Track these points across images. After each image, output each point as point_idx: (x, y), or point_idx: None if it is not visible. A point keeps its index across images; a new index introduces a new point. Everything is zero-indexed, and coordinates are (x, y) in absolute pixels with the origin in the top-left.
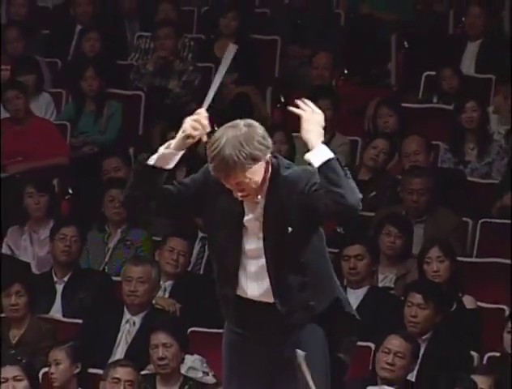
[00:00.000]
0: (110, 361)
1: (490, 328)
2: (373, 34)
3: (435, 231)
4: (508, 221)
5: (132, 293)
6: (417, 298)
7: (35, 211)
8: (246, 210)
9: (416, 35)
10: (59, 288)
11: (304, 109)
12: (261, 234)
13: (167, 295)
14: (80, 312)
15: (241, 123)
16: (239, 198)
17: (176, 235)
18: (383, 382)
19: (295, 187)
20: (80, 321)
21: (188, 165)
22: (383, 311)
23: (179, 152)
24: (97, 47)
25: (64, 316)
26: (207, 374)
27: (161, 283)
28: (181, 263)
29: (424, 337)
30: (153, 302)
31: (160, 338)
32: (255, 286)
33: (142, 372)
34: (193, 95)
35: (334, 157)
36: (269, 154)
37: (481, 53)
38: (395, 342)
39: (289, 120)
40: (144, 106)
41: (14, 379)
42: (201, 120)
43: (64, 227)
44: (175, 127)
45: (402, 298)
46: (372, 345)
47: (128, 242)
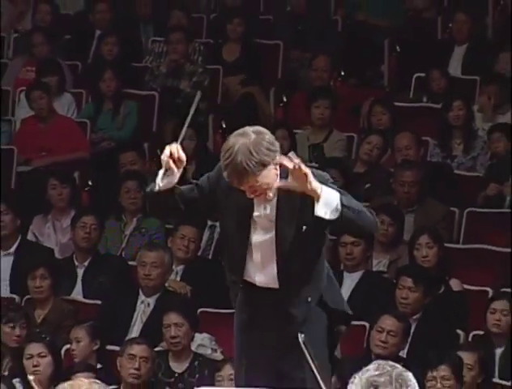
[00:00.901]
0: (126, 339)
1: (475, 309)
2: (368, 39)
3: (424, 220)
4: (491, 210)
5: (146, 277)
6: (408, 281)
7: (58, 201)
8: (256, 205)
9: (407, 40)
10: (80, 271)
11: (293, 163)
12: (269, 228)
13: (178, 278)
14: (99, 294)
15: (250, 130)
16: (251, 197)
17: (187, 223)
18: (377, 358)
19: None
20: (99, 302)
21: (198, 160)
22: (377, 293)
23: (175, 175)
24: (115, 51)
25: (84, 297)
26: (216, 351)
27: (173, 267)
28: (192, 249)
29: (414, 317)
30: (166, 285)
31: (172, 318)
32: (262, 274)
33: (155, 349)
34: (202, 94)
35: (339, 203)
36: (278, 157)
37: (467, 57)
38: (388, 321)
39: (291, 118)
40: (158, 105)
41: (38, 355)
42: (174, 154)
43: (84, 216)
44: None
45: (394, 281)
46: (366, 324)
47: (143, 230)
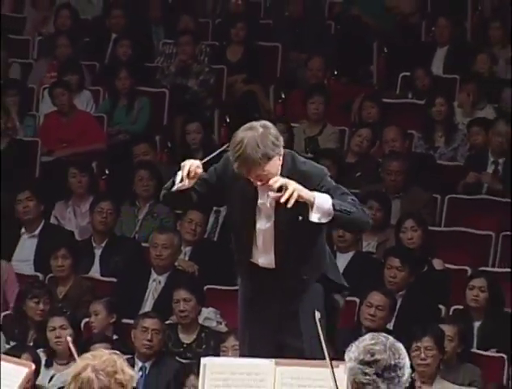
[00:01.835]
0: (140, 313)
1: (455, 286)
2: (359, 41)
3: (409, 205)
4: (470, 197)
5: (158, 257)
6: (395, 262)
7: (77, 188)
8: (260, 194)
9: (394, 42)
10: (97, 252)
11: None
12: (271, 216)
13: (187, 258)
14: (115, 272)
15: (258, 125)
16: (258, 185)
17: (194, 209)
18: (366, 330)
19: (309, 182)
20: (115, 279)
21: (204, 151)
22: (366, 272)
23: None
24: (129, 52)
25: (101, 275)
26: (220, 324)
27: (182, 248)
28: (198, 232)
29: (400, 293)
30: (175, 264)
31: (181, 294)
32: (263, 257)
33: (166, 322)
34: (208, 91)
35: (331, 208)
36: (282, 150)
37: (448, 57)
38: (376, 297)
39: (289, 113)
40: (168, 101)
41: (60, 328)
42: (191, 174)
43: (101, 201)
44: (193, 119)
45: (382, 261)
46: (357, 300)
47: (154, 214)
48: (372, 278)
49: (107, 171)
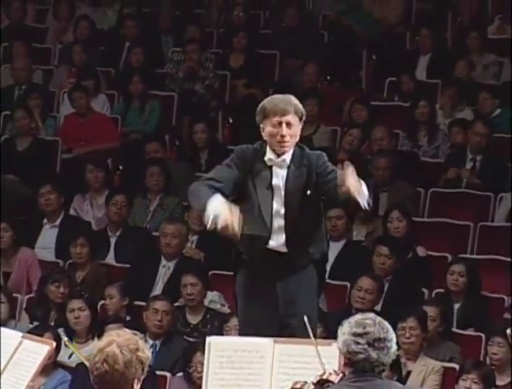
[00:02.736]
0: (151, 296)
1: (437, 271)
2: (349, 49)
3: (395, 198)
4: (451, 190)
5: (167, 245)
6: (384, 250)
7: (94, 183)
8: (274, 173)
9: (382, 50)
10: (112, 240)
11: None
12: (283, 196)
13: (194, 246)
14: (128, 259)
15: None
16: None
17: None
18: (356, 312)
19: (315, 163)
20: (128, 265)
21: (209, 149)
22: (356, 258)
23: None
24: (141, 59)
25: (116, 262)
26: (224, 306)
27: (189, 237)
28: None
29: (387, 278)
30: (183, 252)
31: (189, 279)
32: (275, 239)
33: (175, 304)
34: (213, 95)
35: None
36: (302, 121)
37: (430, 64)
38: (365, 281)
39: None
40: (176, 104)
41: (79, 309)
42: (232, 226)
43: (116, 195)
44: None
45: (370, 249)
46: (348, 284)
47: (164, 206)
48: (361, 264)
49: (121, 167)
